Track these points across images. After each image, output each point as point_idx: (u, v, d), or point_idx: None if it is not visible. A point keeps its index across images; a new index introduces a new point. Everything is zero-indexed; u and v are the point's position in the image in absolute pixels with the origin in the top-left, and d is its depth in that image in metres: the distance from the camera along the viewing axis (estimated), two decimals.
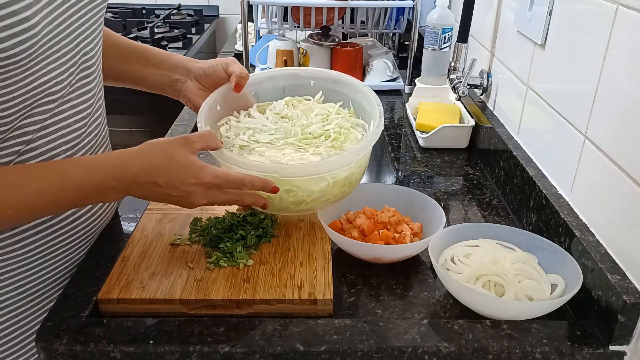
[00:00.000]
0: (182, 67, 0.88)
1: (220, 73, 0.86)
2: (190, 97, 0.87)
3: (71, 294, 0.71)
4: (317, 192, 0.77)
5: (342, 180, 0.79)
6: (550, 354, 0.65)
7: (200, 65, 0.88)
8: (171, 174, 0.69)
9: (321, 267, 0.75)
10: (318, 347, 0.64)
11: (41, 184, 0.63)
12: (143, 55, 0.90)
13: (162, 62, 0.89)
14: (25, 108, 0.65)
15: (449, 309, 0.74)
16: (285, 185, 0.75)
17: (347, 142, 0.84)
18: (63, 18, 0.65)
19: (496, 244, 0.79)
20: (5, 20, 0.55)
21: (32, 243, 0.73)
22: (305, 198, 0.78)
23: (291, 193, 0.77)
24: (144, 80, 0.90)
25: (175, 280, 0.72)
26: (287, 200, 0.78)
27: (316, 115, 0.89)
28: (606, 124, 0.74)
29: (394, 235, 0.81)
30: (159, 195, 0.70)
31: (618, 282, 0.65)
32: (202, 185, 0.70)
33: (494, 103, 1.19)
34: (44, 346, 0.64)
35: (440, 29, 1.34)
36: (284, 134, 0.85)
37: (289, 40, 1.57)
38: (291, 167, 0.76)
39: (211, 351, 0.64)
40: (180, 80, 0.88)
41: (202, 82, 0.87)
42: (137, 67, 0.89)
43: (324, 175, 0.76)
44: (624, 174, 0.69)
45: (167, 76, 0.88)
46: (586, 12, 0.80)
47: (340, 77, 0.93)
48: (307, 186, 0.76)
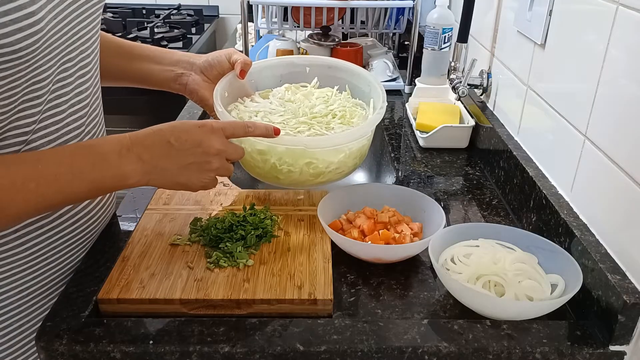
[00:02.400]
0: (185, 62, 0.91)
1: (224, 63, 0.90)
2: (197, 89, 0.90)
3: (71, 294, 0.71)
4: (335, 163, 0.85)
5: (355, 152, 0.87)
6: (550, 354, 0.65)
7: (204, 57, 0.91)
8: (183, 127, 0.70)
9: (321, 267, 0.75)
10: (318, 347, 0.64)
11: (56, 156, 0.65)
12: (146, 53, 0.92)
13: (165, 58, 0.92)
14: (24, 103, 0.64)
15: (449, 309, 0.74)
16: (307, 158, 0.82)
17: (354, 118, 0.91)
18: (65, 14, 0.65)
19: (496, 244, 0.79)
20: (11, 14, 0.55)
21: (32, 243, 0.73)
22: (324, 169, 0.84)
23: (312, 165, 0.83)
24: (149, 77, 0.92)
25: (175, 280, 0.72)
26: (307, 173, 0.84)
27: (317, 98, 0.95)
28: (606, 124, 0.74)
29: (394, 235, 0.81)
30: (174, 162, 0.70)
31: (618, 282, 0.65)
32: (214, 133, 0.71)
33: (494, 103, 1.19)
34: (44, 346, 0.64)
35: (440, 29, 1.34)
36: (293, 114, 0.90)
37: (289, 40, 1.57)
38: (317, 140, 0.84)
39: (211, 351, 0.64)
40: (184, 74, 0.90)
41: (207, 74, 0.90)
42: (142, 65, 0.91)
43: (342, 147, 0.84)
44: (624, 174, 0.69)
45: (171, 71, 0.91)
46: (586, 12, 0.80)
47: (335, 62, 1.00)
48: (327, 157, 0.83)
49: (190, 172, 0.72)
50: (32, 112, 0.66)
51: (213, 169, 0.73)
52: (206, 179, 0.74)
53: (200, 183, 0.73)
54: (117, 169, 0.67)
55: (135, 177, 0.69)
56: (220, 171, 0.74)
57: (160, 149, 0.69)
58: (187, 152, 0.70)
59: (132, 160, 0.68)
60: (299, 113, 0.90)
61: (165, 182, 0.72)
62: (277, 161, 0.83)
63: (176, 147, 0.70)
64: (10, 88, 0.61)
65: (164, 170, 0.70)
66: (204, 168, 0.72)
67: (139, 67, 0.91)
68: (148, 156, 0.69)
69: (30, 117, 0.66)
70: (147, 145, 0.69)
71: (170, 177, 0.71)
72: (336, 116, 0.91)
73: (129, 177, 0.68)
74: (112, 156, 0.67)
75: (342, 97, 0.97)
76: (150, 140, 0.70)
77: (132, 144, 0.68)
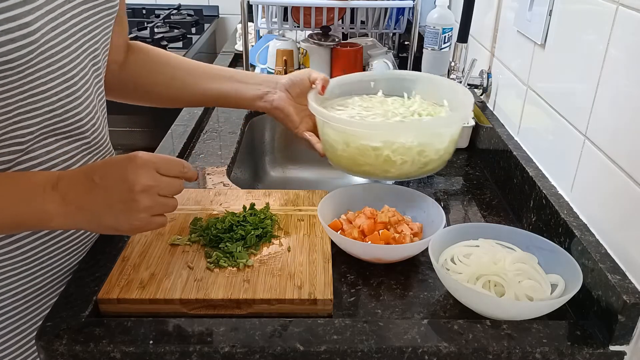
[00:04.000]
0: (270, 81, 0.96)
1: (305, 81, 0.95)
2: (283, 106, 0.93)
3: (71, 294, 0.71)
4: (442, 150, 0.87)
5: (456, 138, 0.89)
6: (550, 354, 0.65)
7: (287, 76, 0.96)
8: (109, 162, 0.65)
9: (321, 267, 0.75)
10: (318, 347, 0.64)
11: None
12: (230, 74, 0.97)
13: (250, 77, 0.97)
14: (20, 115, 0.64)
15: (449, 309, 0.74)
16: (419, 147, 0.84)
17: (442, 114, 0.94)
18: (67, 26, 0.65)
19: (496, 244, 0.79)
20: (4, 24, 0.55)
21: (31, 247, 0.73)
22: (433, 157, 0.86)
23: (423, 154, 0.85)
24: (232, 96, 0.95)
25: (175, 280, 0.72)
26: (418, 162, 0.86)
27: (391, 103, 0.99)
28: (606, 124, 0.74)
29: (394, 235, 0.81)
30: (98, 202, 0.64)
31: (618, 282, 0.65)
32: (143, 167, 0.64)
33: (494, 103, 1.19)
34: (44, 346, 0.64)
35: (440, 29, 1.34)
36: (383, 116, 0.93)
37: (289, 40, 1.57)
38: (435, 120, 0.90)
39: (211, 351, 0.64)
40: (270, 92, 0.94)
41: (291, 91, 0.95)
42: (224, 84, 0.95)
43: (448, 132, 0.86)
44: (624, 174, 0.69)
45: (258, 89, 0.94)
46: (586, 12, 0.80)
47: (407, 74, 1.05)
48: (437, 145, 0.86)
49: (116, 212, 0.64)
50: (29, 122, 0.66)
51: (141, 209, 0.64)
52: (136, 221, 0.65)
53: (128, 225, 0.65)
54: (39, 206, 0.63)
55: (59, 219, 0.64)
56: (154, 209, 0.66)
57: (84, 187, 0.64)
58: (110, 190, 0.64)
59: (55, 199, 0.63)
60: (388, 115, 0.93)
61: (92, 225, 0.66)
62: (391, 153, 0.84)
63: (100, 185, 0.63)
64: (4, 98, 0.61)
65: (89, 212, 0.64)
66: (131, 208, 0.64)
67: (220, 86, 0.94)
68: (72, 195, 0.64)
69: (27, 128, 0.66)
70: (72, 183, 0.64)
71: (96, 219, 0.65)
72: (422, 115, 0.93)
73: (51, 217, 0.63)
74: (36, 192, 0.63)
75: (416, 100, 0.99)
76: (76, 178, 0.65)
77: (59, 180, 0.64)
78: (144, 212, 0.65)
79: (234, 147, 1.21)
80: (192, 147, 1.21)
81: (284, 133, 1.48)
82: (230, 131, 1.28)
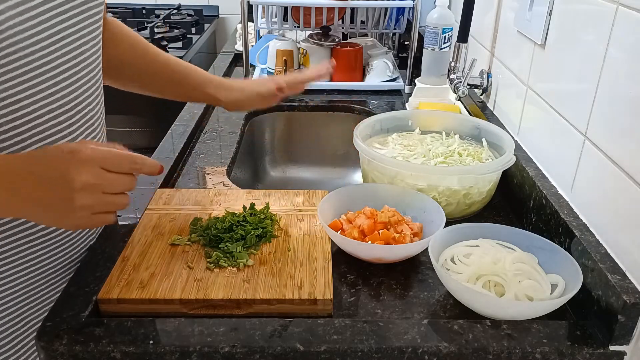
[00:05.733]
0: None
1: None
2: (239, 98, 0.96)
3: (71, 294, 0.71)
4: (485, 192, 0.91)
5: (495, 181, 0.93)
6: (550, 354, 0.65)
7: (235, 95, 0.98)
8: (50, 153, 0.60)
9: (321, 267, 0.75)
10: (318, 347, 0.64)
11: None
12: None
13: None
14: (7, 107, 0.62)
15: (449, 309, 0.74)
16: (464, 190, 0.88)
17: (482, 154, 0.98)
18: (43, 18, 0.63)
19: (496, 244, 0.79)
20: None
21: (32, 245, 0.73)
22: (476, 198, 0.90)
23: (468, 197, 0.89)
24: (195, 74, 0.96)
25: (175, 280, 0.72)
26: (462, 204, 0.90)
27: (432, 141, 1.01)
28: (606, 124, 0.74)
29: (394, 235, 0.81)
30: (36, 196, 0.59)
31: (618, 282, 0.65)
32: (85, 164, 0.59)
33: (494, 103, 1.19)
34: (44, 346, 0.64)
35: (440, 29, 1.34)
36: (424, 156, 0.97)
37: (289, 40, 1.57)
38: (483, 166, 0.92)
39: (211, 351, 0.64)
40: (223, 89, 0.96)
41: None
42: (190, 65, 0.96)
43: (492, 175, 0.90)
44: (624, 174, 0.69)
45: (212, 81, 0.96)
46: (586, 12, 0.80)
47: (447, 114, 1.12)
48: (481, 187, 0.89)
49: (55, 210, 0.60)
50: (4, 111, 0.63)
51: (79, 207, 0.59)
52: (76, 220, 0.60)
53: (70, 222, 0.62)
54: None
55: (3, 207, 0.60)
56: (95, 208, 0.61)
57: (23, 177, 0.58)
58: (49, 186, 0.58)
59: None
60: (430, 155, 0.96)
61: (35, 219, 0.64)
62: (437, 195, 0.88)
63: (40, 180, 0.58)
64: None
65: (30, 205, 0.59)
66: (69, 207, 0.59)
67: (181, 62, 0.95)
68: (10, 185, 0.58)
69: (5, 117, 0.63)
70: (12, 170, 0.58)
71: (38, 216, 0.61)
72: (462, 155, 0.96)
73: None
74: None
75: (455, 139, 1.02)
76: (14, 164, 0.59)
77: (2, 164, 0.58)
78: (82, 210, 0.60)
79: (234, 147, 1.21)
80: (192, 147, 1.21)
81: (284, 133, 1.48)
82: (230, 131, 1.28)
